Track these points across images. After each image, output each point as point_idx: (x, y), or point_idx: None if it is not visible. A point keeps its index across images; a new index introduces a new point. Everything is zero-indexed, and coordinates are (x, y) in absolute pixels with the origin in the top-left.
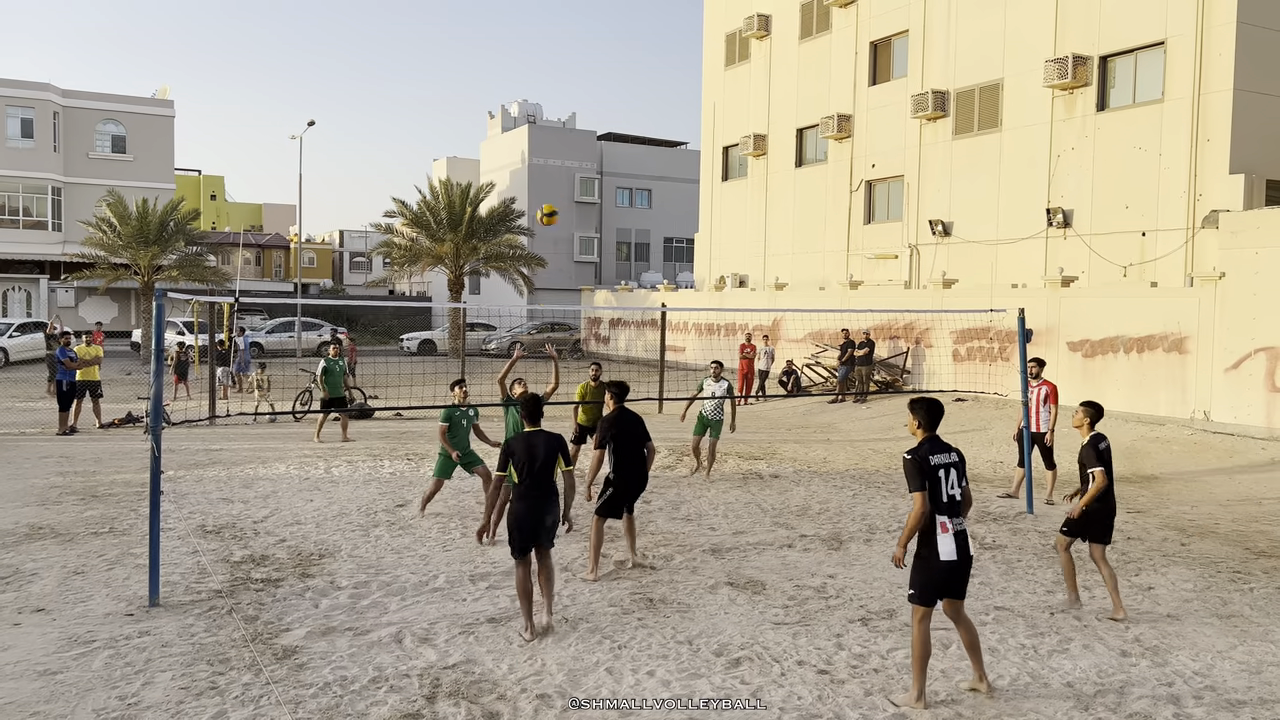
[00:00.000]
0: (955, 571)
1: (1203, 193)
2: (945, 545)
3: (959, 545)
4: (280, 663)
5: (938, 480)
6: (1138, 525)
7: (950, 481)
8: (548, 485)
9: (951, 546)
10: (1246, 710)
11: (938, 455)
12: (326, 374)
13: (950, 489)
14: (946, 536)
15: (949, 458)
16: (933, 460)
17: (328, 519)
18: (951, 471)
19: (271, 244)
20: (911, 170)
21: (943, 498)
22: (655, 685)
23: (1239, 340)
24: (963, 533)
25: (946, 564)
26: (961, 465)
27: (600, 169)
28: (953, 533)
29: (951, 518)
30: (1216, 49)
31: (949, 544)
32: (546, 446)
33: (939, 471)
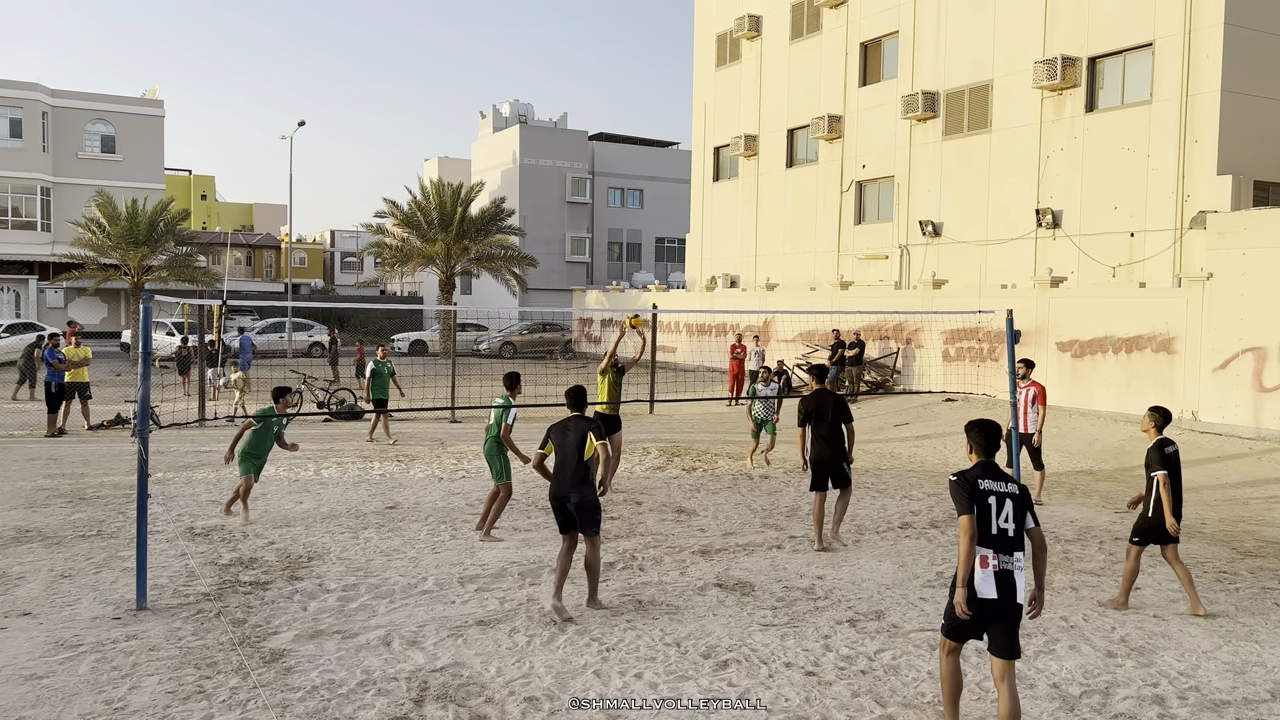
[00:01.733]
0: (992, 614)
1: (1190, 193)
2: (983, 582)
3: (1000, 585)
4: (268, 666)
5: (987, 508)
6: (1125, 525)
7: (1004, 514)
8: (575, 468)
9: (992, 585)
10: (1230, 710)
11: (989, 481)
12: (375, 376)
13: (1003, 521)
14: (986, 572)
15: (1004, 487)
16: (982, 485)
17: (316, 521)
18: (1007, 502)
19: (262, 244)
20: (902, 171)
21: (991, 529)
22: (643, 687)
23: (1226, 341)
24: (1008, 573)
25: (981, 602)
26: (1024, 499)
27: (592, 169)
28: (994, 570)
29: (998, 553)
30: (1204, 50)
31: (988, 581)
32: (576, 430)
33: (989, 498)
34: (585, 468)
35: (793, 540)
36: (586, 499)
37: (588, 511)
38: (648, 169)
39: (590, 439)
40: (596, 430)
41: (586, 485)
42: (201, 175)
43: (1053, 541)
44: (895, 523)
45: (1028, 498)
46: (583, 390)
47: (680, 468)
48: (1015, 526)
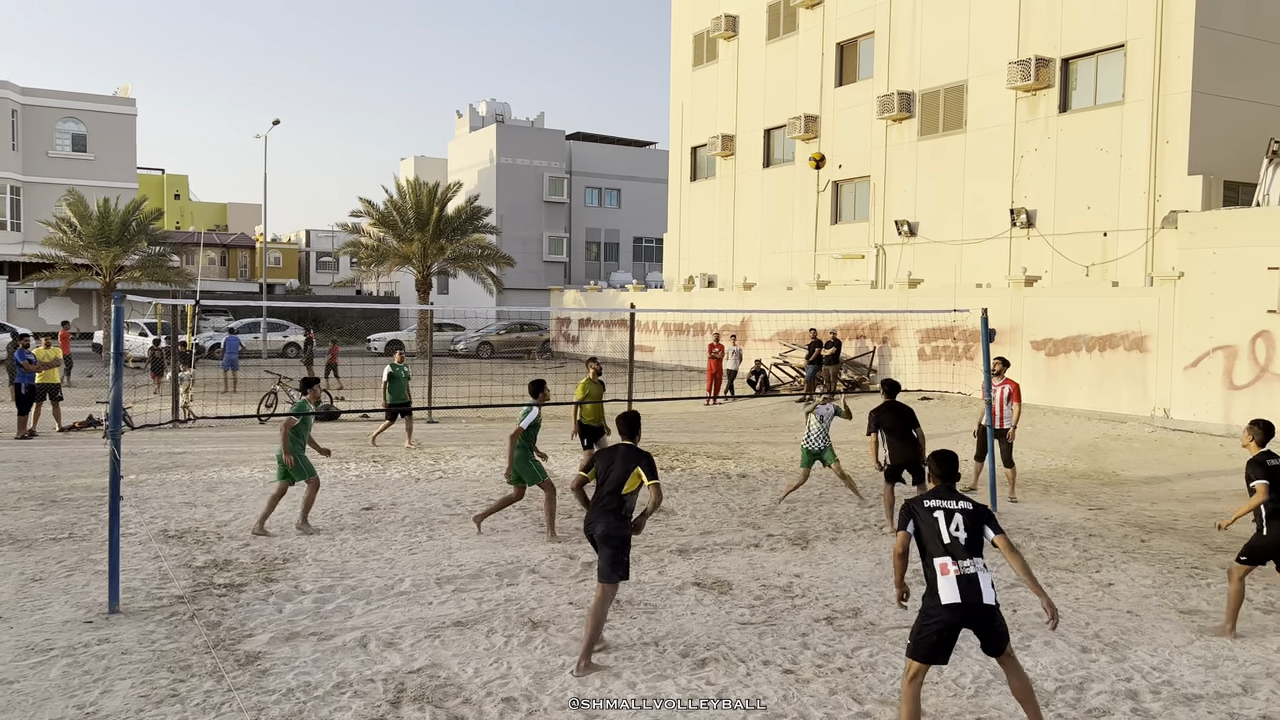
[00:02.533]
0: (964, 618)
1: (1162, 193)
2: (947, 588)
3: (963, 587)
4: (243, 669)
5: (934, 521)
6: (1098, 522)
7: (954, 524)
8: (609, 497)
9: (954, 589)
10: (1202, 704)
11: (936, 500)
12: (392, 380)
13: (953, 530)
14: (948, 579)
15: (955, 504)
16: (927, 504)
17: (292, 522)
18: (956, 515)
19: (237, 244)
20: (878, 171)
21: (943, 539)
22: (621, 687)
23: (1198, 339)
24: (971, 576)
25: (946, 609)
26: (977, 514)
27: (569, 168)
28: (955, 575)
29: (955, 560)
30: (1175, 52)
31: (951, 586)
32: (625, 461)
33: (935, 513)
34: (621, 499)
35: (770, 539)
36: (612, 531)
37: (611, 547)
38: (625, 169)
39: (638, 473)
40: (648, 467)
41: (616, 518)
42: (175, 174)
43: (1026, 539)
44: (872, 520)
45: (982, 512)
46: (636, 417)
47: (658, 467)
48: (968, 535)
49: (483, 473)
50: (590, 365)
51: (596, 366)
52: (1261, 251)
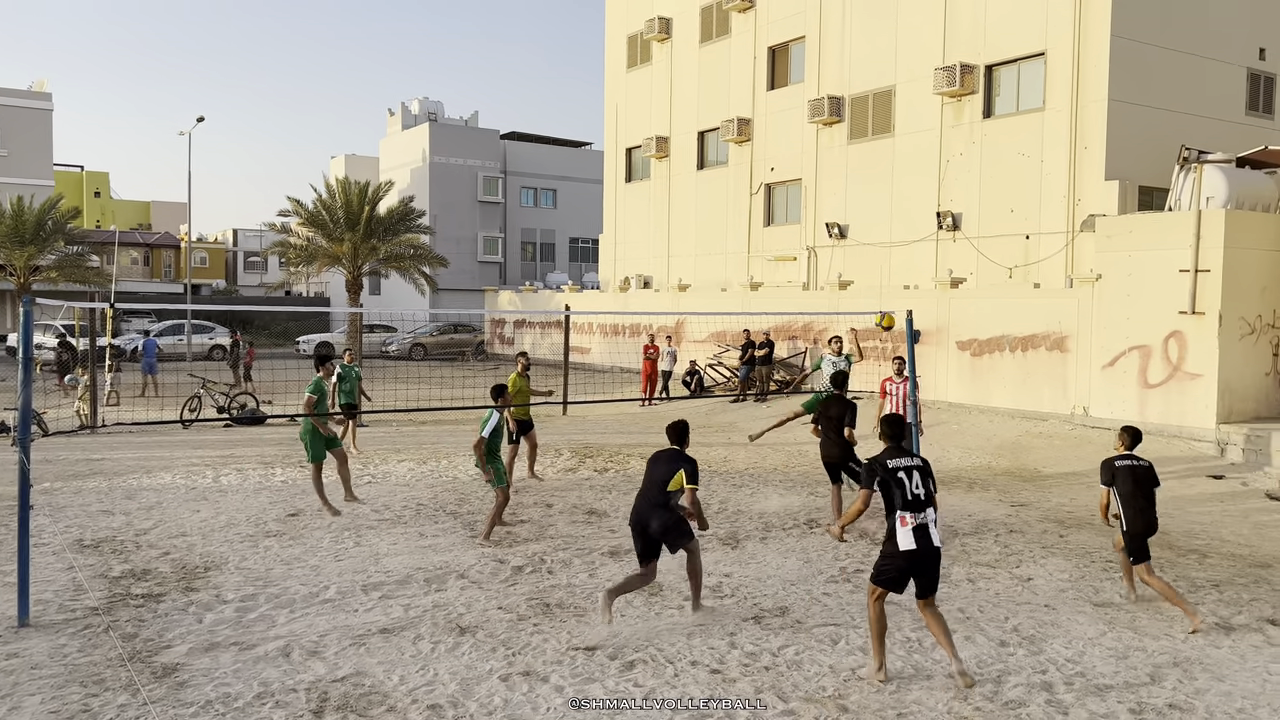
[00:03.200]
0: (917, 561)
1: (1081, 198)
2: (904, 537)
3: (918, 536)
4: (159, 681)
5: (900, 481)
6: (1020, 518)
7: (914, 482)
8: (658, 496)
9: (911, 538)
10: (1113, 694)
11: (897, 459)
12: (341, 380)
13: (915, 489)
14: (906, 530)
15: (909, 461)
16: (891, 464)
17: (215, 530)
18: (914, 473)
19: (161, 243)
20: (809, 174)
21: (907, 495)
22: (549, 691)
23: (1114, 339)
24: (924, 526)
25: (906, 553)
26: (925, 470)
27: (504, 168)
28: (912, 526)
29: (914, 513)
30: (1092, 60)
31: (908, 536)
32: (668, 463)
33: (899, 473)
34: (666, 495)
35: (701, 538)
36: (668, 524)
37: (672, 534)
38: (561, 169)
39: (681, 476)
40: (690, 471)
41: (665, 510)
42: (95, 172)
43: (951, 535)
44: (801, 519)
45: (928, 468)
46: (683, 426)
47: (593, 469)
48: (924, 491)
49: (413, 477)
50: (519, 360)
51: (525, 361)
52: (1174, 254)
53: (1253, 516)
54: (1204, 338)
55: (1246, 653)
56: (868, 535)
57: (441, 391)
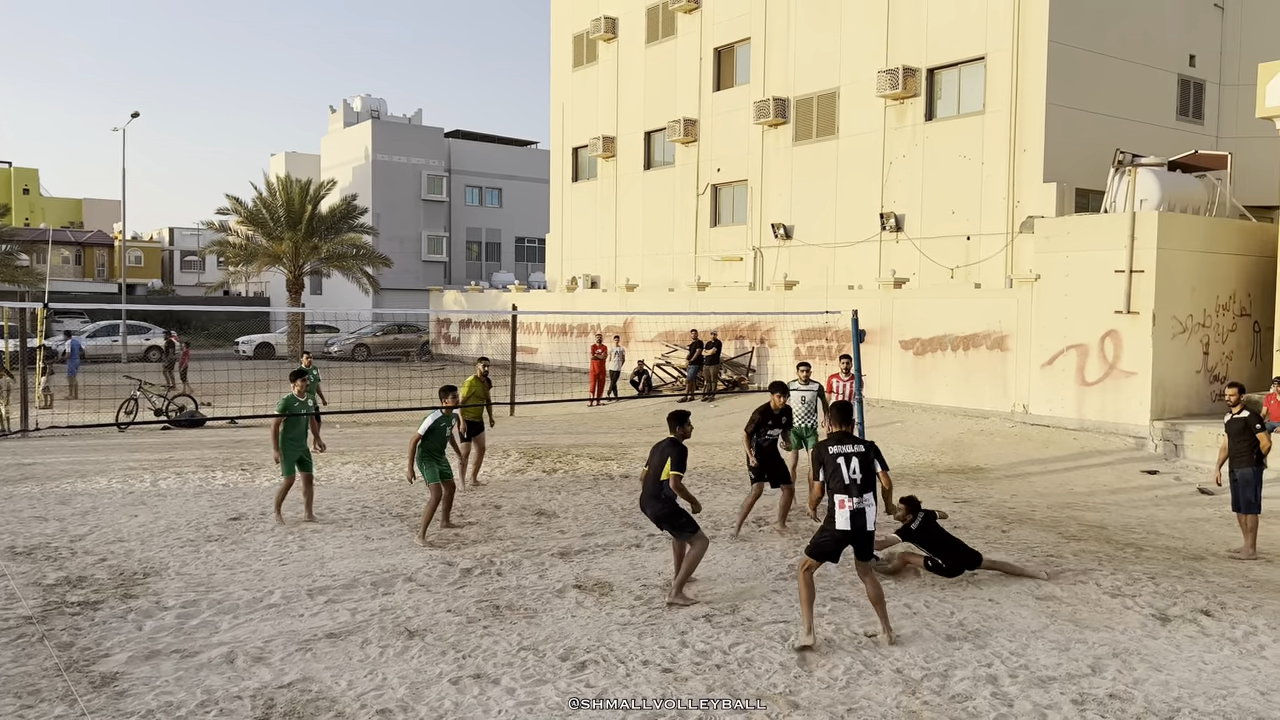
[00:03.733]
0: (848, 540)
1: (1020, 199)
2: (841, 519)
3: (854, 520)
4: (98, 691)
5: (837, 466)
6: (963, 514)
7: (852, 468)
8: (653, 486)
9: (847, 520)
10: (1056, 685)
11: (838, 446)
12: None
13: (852, 474)
14: (844, 512)
15: (851, 449)
16: (832, 450)
17: (154, 535)
18: (853, 460)
19: (93, 242)
20: (755, 175)
21: (844, 480)
22: (499, 693)
23: (1053, 338)
24: (861, 511)
25: (840, 532)
26: (867, 455)
27: (448, 167)
28: (849, 510)
29: (851, 496)
30: (1030, 65)
31: (845, 518)
32: (660, 453)
33: (838, 459)
34: (660, 485)
35: (651, 539)
36: (661, 514)
37: (669, 522)
38: (506, 168)
39: (667, 465)
40: (675, 457)
41: (658, 500)
42: (24, 168)
43: None
44: (750, 518)
45: (870, 452)
46: (678, 414)
47: (541, 469)
48: (863, 476)
49: (358, 479)
50: (480, 364)
51: (484, 366)
52: (1109, 255)
53: (1186, 510)
54: (1138, 337)
55: (1182, 643)
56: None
57: (386, 393)
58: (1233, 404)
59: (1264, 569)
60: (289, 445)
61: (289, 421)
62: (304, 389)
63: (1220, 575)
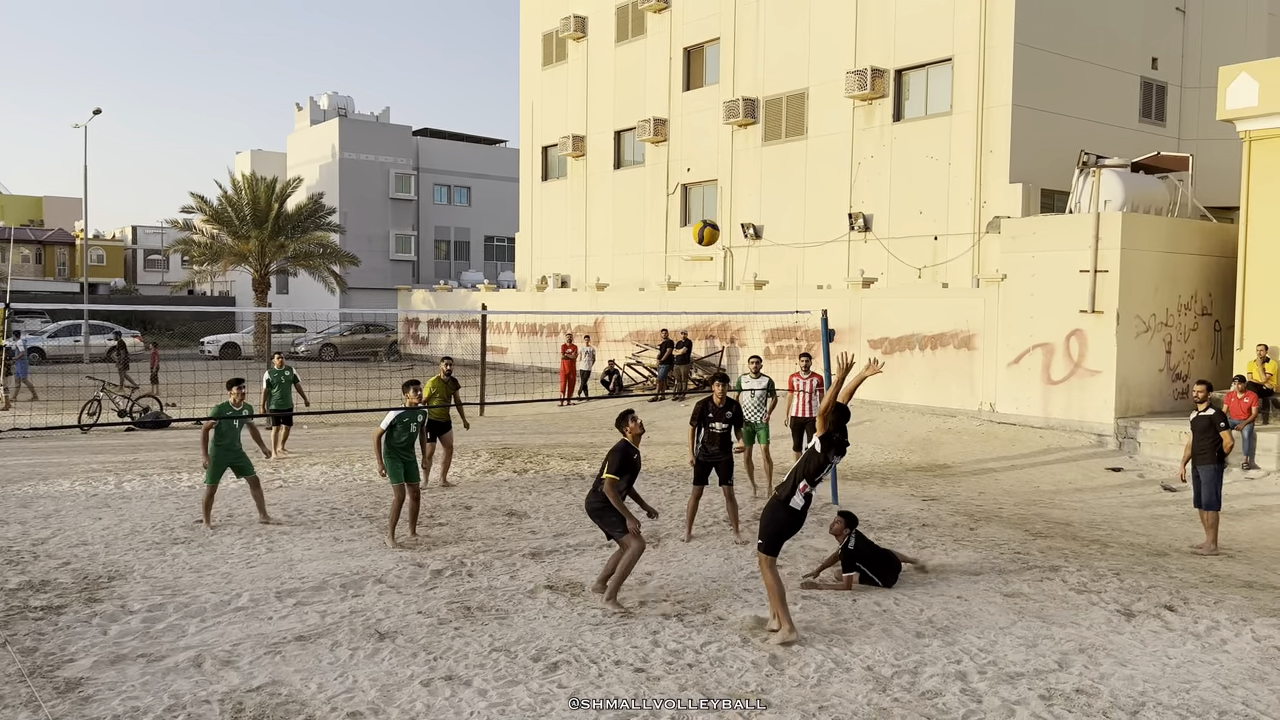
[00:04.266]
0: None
1: (987, 200)
2: (798, 499)
3: (805, 501)
4: (62, 697)
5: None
6: (932, 512)
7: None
8: (596, 483)
9: (801, 500)
10: (1024, 681)
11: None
12: (271, 387)
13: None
14: (799, 496)
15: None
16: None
17: (119, 538)
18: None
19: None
20: (725, 174)
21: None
22: (471, 695)
23: (1019, 337)
24: (810, 495)
25: (794, 513)
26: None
27: (417, 165)
28: (805, 493)
29: (812, 484)
30: (997, 67)
31: (800, 500)
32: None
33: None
34: (598, 481)
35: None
36: (593, 505)
37: (599, 518)
38: (475, 166)
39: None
40: (607, 459)
41: (594, 494)
42: None
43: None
44: (721, 517)
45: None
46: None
47: (512, 470)
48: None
49: (327, 480)
50: (443, 363)
51: (448, 365)
52: (1074, 255)
53: (1150, 508)
54: (1103, 336)
55: (1147, 638)
56: None
57: (354, 393)
58: (1199, 401)
59: (1225, 564)
60: (220, 453)
61: (220, 429)
62: (240, 398)
63: (1183, 571)
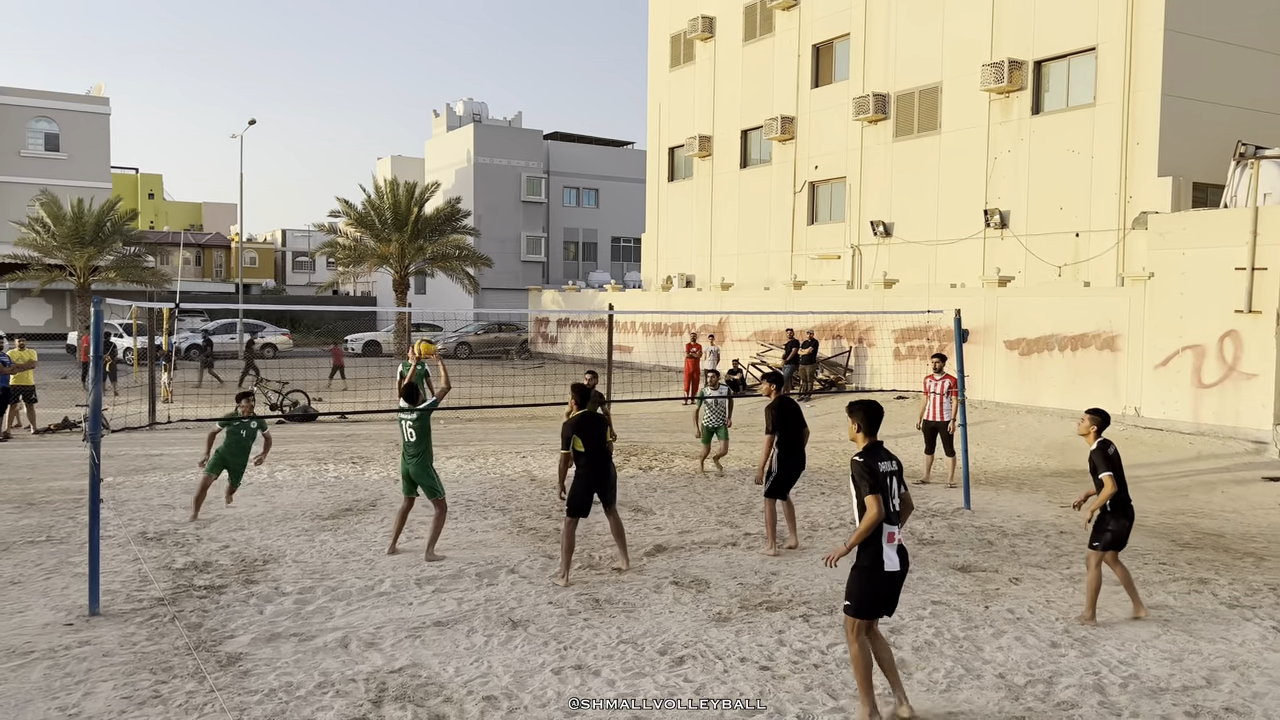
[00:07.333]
0: (897, 584)
1: (1133, 194)
2: (890, 556)
3: (901, 557)
4: (224, 670)
5: (887, 488)
6: (1070, 519)
7: (892, 490)
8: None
9: (895, 559)
10: (1167, 697)
11: (884, 462)
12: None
13: (893, 498)
14: (891, 547)
15: (892, 465)
16: (881, 467)
17: (271, 524)
18: (893, 479)
19: (212, 243)
20: (854, 171)
21: (892, 506)
22: (600, 685)
23: (1167, 338)
24: (902, 545)
25: (889, 575)
26: (900, 472)
27: (547, 168)
28: (896, 544)
29: (898, 527)
30: (1145, 55)
31: (893, 556)
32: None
33: (889, 479)
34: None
35: (748, 537)
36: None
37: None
38: (603, 168)
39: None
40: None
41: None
42: (149, 174)
43: (1000, 535)
44: (847, 519)
45: (902, 468)
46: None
47: (637, 467)
48: (900, 499)
49: (462, 473)
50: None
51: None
52: (1229, 252)
53: None
54: (1260, 337)
55: None
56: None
57: (488, 389)
58: None
59: None
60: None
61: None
62: (249, 409)
63: None
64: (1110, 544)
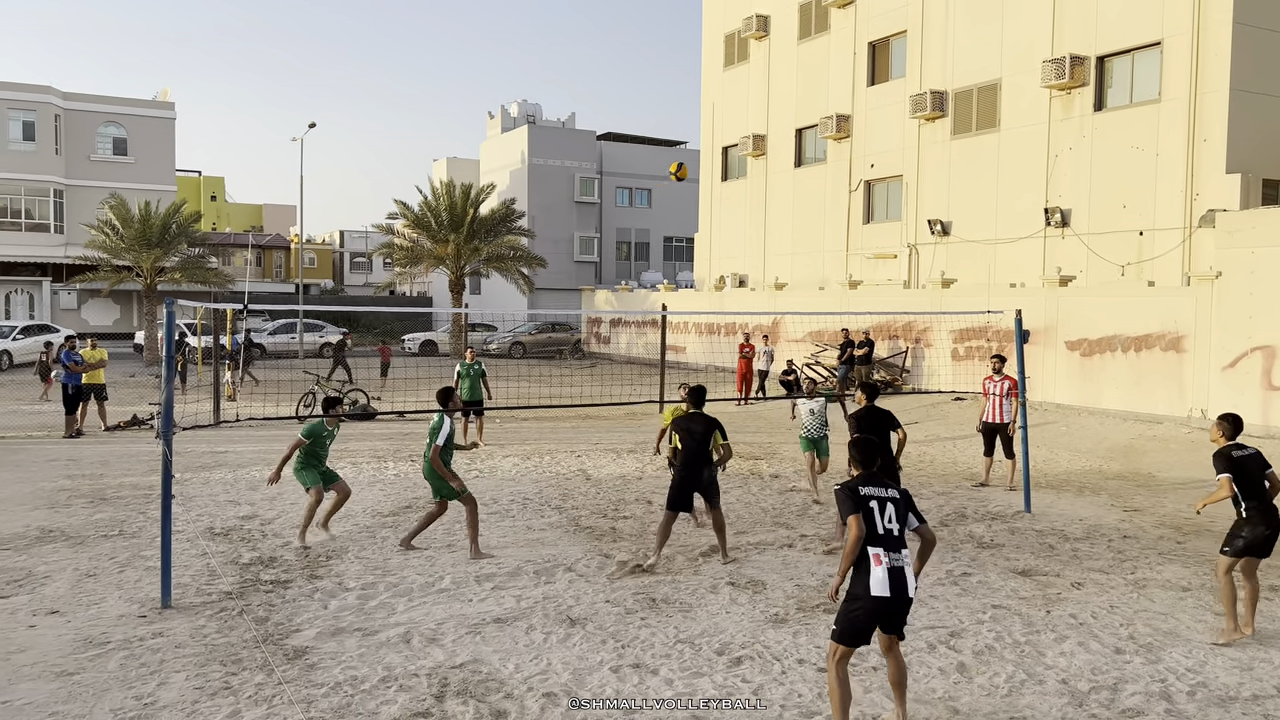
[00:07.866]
0: (886, 611)
1: (1199, 192)
2: (878, 582)
3: (893, 581)
4: (292, 663)
5: (870, 510)
6: (1134, 523)
7: (887, 515)
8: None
9: (885, 584)
10: (1236, 706)
11: (870, 488)
12: (460, 379)
13: (887, 522)
14: (880, 569)
15: (885, 492)
16: (863, 491)
17: (334, 521)
18: (888, 505)
19: (272, 244)
20: (910, 170)
21: (878, 529)
22: (658, 684)
23: (1235, 339)
24: (899, 570)
25: (877, 600)
26: (905, 502)
27: (600, 169)
28: (886, 568)
29: (888, 551)
30: (1213, 49)
31: (883, 580)
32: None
33: (870, 502)
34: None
35: (804, 539)
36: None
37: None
38: (655, 169)
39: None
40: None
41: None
42: (211, 176)
43: (1061, 540)
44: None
45: (909, 500)
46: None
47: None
48: (899, 527)
49: (518, 472)
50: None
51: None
52: None
53: None
54: None
55: None
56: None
57: (543, 389)
58: None
59: None
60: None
61: (312, 446)
62: (334, 420)
63: None
64: (1243, 550)
